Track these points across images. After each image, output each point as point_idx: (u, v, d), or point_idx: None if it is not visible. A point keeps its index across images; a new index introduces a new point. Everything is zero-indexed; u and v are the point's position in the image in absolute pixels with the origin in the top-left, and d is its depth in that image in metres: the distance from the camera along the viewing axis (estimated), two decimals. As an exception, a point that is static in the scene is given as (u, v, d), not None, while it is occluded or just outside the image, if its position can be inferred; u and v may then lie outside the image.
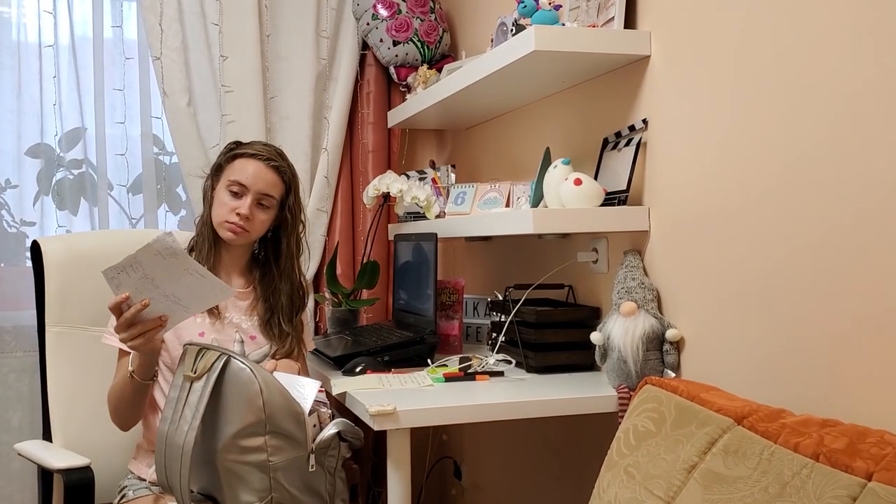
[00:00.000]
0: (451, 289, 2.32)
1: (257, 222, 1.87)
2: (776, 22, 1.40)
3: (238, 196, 1.84)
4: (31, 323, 2.25)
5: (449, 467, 2.82)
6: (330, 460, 1.67)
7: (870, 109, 1.23)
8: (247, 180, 1.84)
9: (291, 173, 1.92)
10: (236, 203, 1.84)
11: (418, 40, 2.65)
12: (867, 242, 1.23)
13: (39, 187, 2.55)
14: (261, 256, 1.99)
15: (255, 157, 1.87)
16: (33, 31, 2.53)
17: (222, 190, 1.86)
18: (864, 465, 1.03)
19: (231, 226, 1.84)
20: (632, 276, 1.72)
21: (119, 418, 1.82)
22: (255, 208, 1.86)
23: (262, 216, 1.87)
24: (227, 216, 1.84)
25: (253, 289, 1.95)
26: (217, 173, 1.90)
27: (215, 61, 2.61)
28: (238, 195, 1.84)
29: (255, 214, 1.85)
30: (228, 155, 1.89)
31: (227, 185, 1.85)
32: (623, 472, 1.34)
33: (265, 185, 1.86)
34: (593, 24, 1.82)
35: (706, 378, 1.56)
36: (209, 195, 1.91)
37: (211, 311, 1.87)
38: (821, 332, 1.32)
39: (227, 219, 1.84)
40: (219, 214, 1.86)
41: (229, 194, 1.85)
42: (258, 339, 1.91)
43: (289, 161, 1.94)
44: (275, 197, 1.88)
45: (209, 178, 1.93)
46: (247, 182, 1.84)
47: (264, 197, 1.86)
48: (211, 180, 1.91)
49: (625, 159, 1.77)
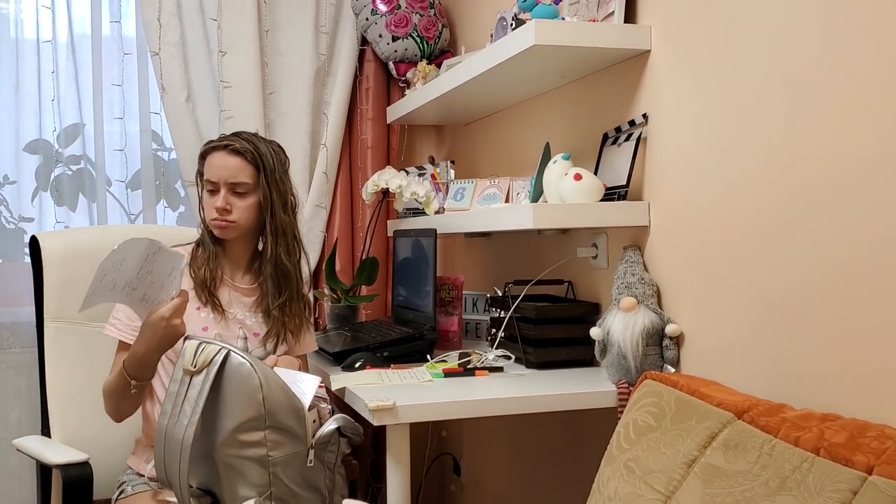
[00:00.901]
0: (450, 285, 2.32)
1: (238, 211, 1.84)
2: (776, 16, 1.40)
3: (214, 193, 1.85)
4: (30, 319, 2.24)
5: (448, 463, 2.82)
6: (329, 456, 1.67)
7: (870, 104, 1.22)
8: (213, 174, 1.84)
9: (256, 153, 1.85)
10: (214, 199, 1.85)
11: (417, 35, 2.64)
12: (868, 237, 1.23)
13: (38, 183, 2.55)
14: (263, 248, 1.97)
15: (216, 149, 1.85)
16: (31, 26, 2.52)
17: (205, 192, 1.88)
18: (864, 459, 1.03)
19: (216, 222, 1.85)
20: (631, 271, 1.72)
21: (115, 412, 1.81)
22: (232, 198, 1.84)
23: (240, 203, 1.84)
24: (211, 214, 1.85)
25: (258, 286, 1.94)
26: (200, 178, 1.90)
27: (214, 57, 2.61)
28: (214, 192, 1.85)
29: (233, 204, 1.84)
30: (199, 157, 1.90)
31: (205, 185, 1.87)
32: (623, 466, 1.34)
33: (231, 173, 1.83)
34: (593, 18, 1.82)
35: (706, 373, 1.56)
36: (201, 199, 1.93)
37: (215, 307, 1.87)
38: (821, 327, 1.32)
39: (211, 217, 1.85)
40: (206, 216, 1.87)
41: (208, 194, 1.86)
42: (261, 336, 1.90)
43: (255, 142, 1.87)
44: (246, 181, 1.84)
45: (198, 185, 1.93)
46: (214, 176, 1.84)
47: (236, 185, 1.83)
48: (200, 187, 1.92)
49: (625, 154, 1.77)
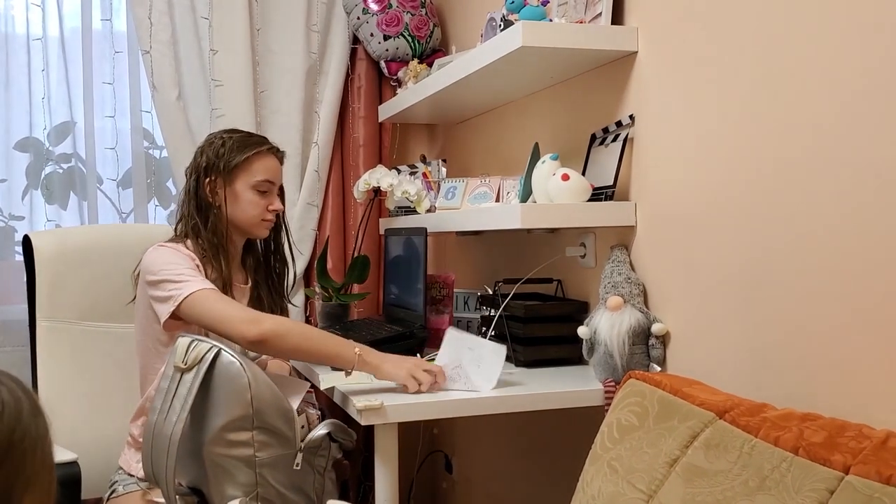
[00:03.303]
0: (441, 283, 2.33)
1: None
2: (762, 18, 1.41)
3: (266, 193, 1.90)
4: (22, 317, 2.25)
5: (440, 461, 2.83)
6: (320, 460, 1.67)
7: (856, 105, 1.24)
8: (272, 175, 1.91)
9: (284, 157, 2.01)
10: (267, 200, 1.90)
11: (409, 35, 2.65)
12: (850, 238, 1.25)
13: (28, 181, 2.55)
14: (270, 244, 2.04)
15: (272, 152, 1.93)
16: (21, 23, 2.52)
17: (246, 190, 1.88)
18: (841, 459, 1.04)
19: (268, 223, 1.92)
20: (618, 270, 1.73)
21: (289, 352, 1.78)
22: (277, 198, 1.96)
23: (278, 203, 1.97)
24: (263, 214, 1.90)
25: (252, 285, 1.97)
26: (229, 173, 1.87)
27: (205, 55, 2.61)
28: (266, 192, 1.90)
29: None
30: (247, 155, 1.88)
31: (254, 185, 1.88)
32: (606, 465, 1.35)
33: (280, 175, 1.96)
34: (581, 20, 1.83)
35: (691, 372, 1.57)
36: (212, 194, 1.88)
37: None
38: (804, 328, 1.33)
39: (263, 217, 1.90)
40: (253, 215, 1.89)
41: (258, 194, 1.89)
42: None
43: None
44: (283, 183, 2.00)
45: (209, 177, 1.88)
46: (274, 179, 1.92)
47: (280, 188, 1.97)
48: (212, 181, 1.87)
49: (612, 155, 1.78)
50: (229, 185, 1.87)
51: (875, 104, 1.20)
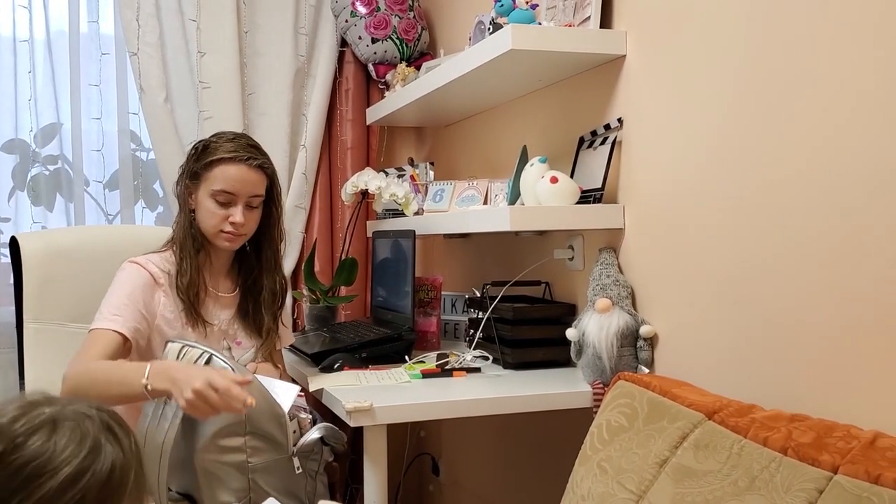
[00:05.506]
0: (429, 286, 2.33)
1: (251, 223, 1.80)
2: (750, 21, 1.42)
3: (226, 204, 1.76)
4: (9, 320, 2.23)
5: (427, 463, 2.83)
6: (312, 464, 1.67)
7: (845, 107, 1.25)
8: (232, 187, 1.75)
9: (272, 166, 1.83)
10: (227, 212, 1.75)
11: (397, 38, 2.65)
12: (837, 240, 1.26)
13: (14, 183, 2.53)
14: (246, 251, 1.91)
15: (236, 161, 1.75)
16: (7, 25, 2.51)
17: (206, 198, 1.76)
18: (830, 459, 1.05)
19: (227, 235, 1.77)
20: (607, 273, 1.74)
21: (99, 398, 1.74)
22: (247, 211, 1.78)
23: (253, 216, 1.80)
24: (221, 226, 1.76)
25: (238, 292, 1.92)
26: (194, 179, 1.79)
27: (193, 57, 2.60)
28: (226, 203, 1.76)
29: (247, 217, 1.78)
30: (205, 162, 1.77)
31: (212, 194, 1.75)
32: (596, 466, 1.36)
33: (251, 188, 1.77)
34: (569, 23, 1.84)
35: (679, 374, 1.58)
36: (186, 200, 1.82)
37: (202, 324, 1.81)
38: (792, 329, 1.34)
39: (221, 228, 1.77)
40: (211, 225, 1.77)
41: (217, 204, 1.75)
42: (244, 344, 1.89)
43: (263, 151, 1.84)
44: (261, 194, 1.81)
45: (182, 183, 1.82)
46: (234, 190, 1.75)
47: (253, 198, 1.79)
48: (186, 185, 1.81)
49: (600, 158, 1.79)
50: (195, 191, 1.79)
51: (862, 108, 1.21)
